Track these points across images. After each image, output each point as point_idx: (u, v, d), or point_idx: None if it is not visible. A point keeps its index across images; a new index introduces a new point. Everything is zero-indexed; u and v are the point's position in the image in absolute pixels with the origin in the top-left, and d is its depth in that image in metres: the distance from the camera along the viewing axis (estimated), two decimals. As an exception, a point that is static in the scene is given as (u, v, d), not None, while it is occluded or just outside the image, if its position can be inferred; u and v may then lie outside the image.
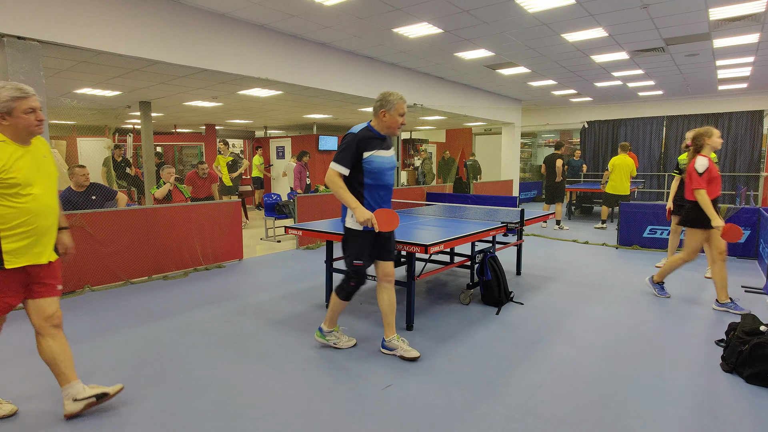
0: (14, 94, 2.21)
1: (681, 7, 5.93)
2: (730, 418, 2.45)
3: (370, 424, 2.39)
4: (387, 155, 3.08)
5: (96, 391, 2.47)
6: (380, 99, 3.07)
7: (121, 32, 5.13)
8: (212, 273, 5.73)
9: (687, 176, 4.24)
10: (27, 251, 2.26)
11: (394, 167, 3.15)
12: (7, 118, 2.20)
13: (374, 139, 3.02)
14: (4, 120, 2.20)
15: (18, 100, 2.21)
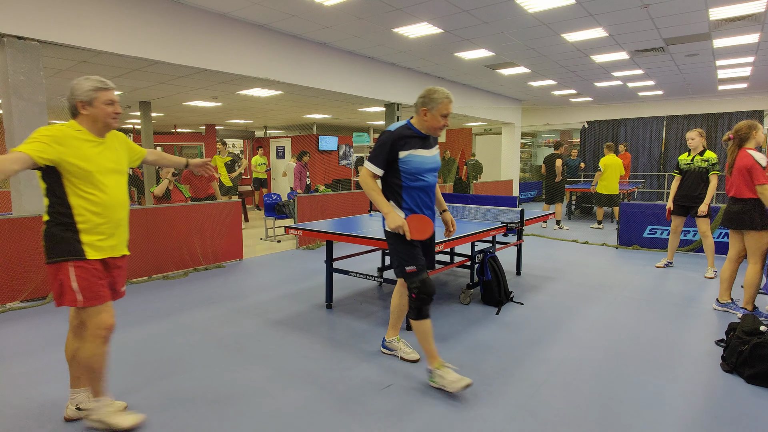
0: (97, 85, 2.24)
1: (681, 7, 5.93)
2: (730, 418, 2.45)
3: (370, 424, 2.39)
4: (428, 155, 2.80)
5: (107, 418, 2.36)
6: (423, 95, 2.78)
7: (121, 32, 5.13)
8: (212, 273, 5.73)
9: (738, 172, 3.78)
10: (104, 243, 2.28)
11: (436, 168, 2.86)
12: (87, 108, 2.22)
13: (413, 138, 2.76)
14: (84, 109, 2.23)
15: (99, 91, 2.24)
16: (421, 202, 2.82)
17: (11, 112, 4.43)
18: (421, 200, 2.82)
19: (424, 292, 2.69)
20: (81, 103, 2.22)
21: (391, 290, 4.88)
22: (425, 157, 2.79)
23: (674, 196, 5.49)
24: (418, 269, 2.71)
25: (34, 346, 3.42)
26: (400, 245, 2.76)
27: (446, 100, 2.73)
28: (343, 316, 4.08)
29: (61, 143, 2.13)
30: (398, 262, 2.77)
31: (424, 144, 2.81)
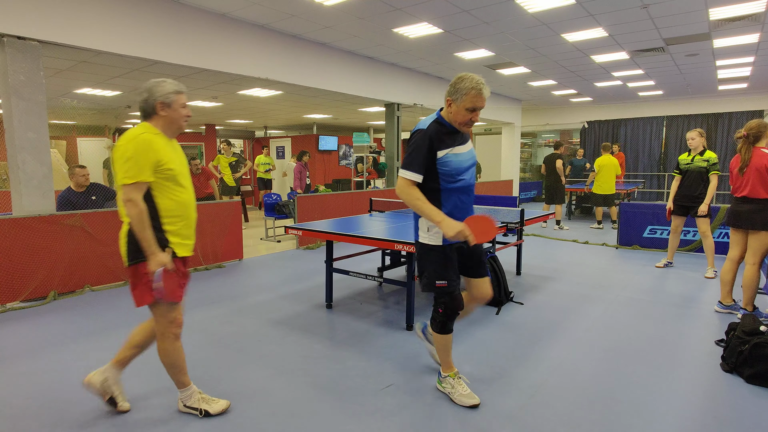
0: (176, 88, 2.31)
1: (681, 7, 5.93)
2: (730, 418, 2.45)
3: (370, 424, 2.39)
4: (464, 151, 2.50)
5: (200, 405, 2.50)
6: (451, 83, 2.41)
7: (121, 32, 5.13)
8: (212, 273, 5.73)
9: (755, 172, 3.71)
10: (186, 242, 2.36)
11: (473, 164, 2.57)
12: (165, 110, 2.27)
13: (447, 134, 2.44)
14: (162, 111, 2.27)
15: (178, 94, 2.31)
16: (460, 204, 2.53)
17: (11, 112, 4.43)
18: (461, 202, 2.53)
19: (451, 307, 2.53)
20: (161, 104, 2.26)
21: (391, 290, 4.88)
22: (462, 155, 2.49)
23: (674, 196, 5.50)
24: (449, 284, 2.49)
25: (34, 346, 3.42)
26: (434, 256, 2.50)
27: (473, 90, 2.32)
28: (343, 316, 4.08)
29: (153, 149, 2.18)
30: (428, 275, 2.51)
31: (459, 139, 2.49)
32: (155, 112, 2.27)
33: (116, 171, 2.16)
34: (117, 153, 2.17)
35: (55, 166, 10.60)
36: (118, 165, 2.15)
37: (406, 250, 3.51)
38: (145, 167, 2.14)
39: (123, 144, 2.17)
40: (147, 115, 2.29)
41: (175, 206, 2.28)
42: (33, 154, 4.56)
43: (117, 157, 2.16)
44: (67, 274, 4.72)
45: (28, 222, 4.43)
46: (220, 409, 2.48)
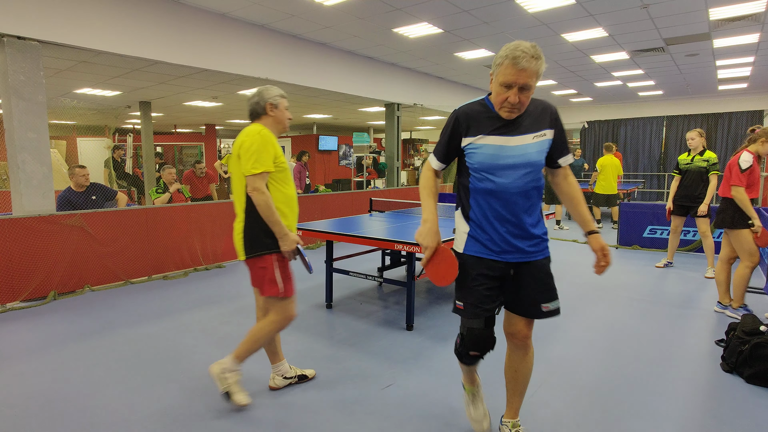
0: (282, 92, 2.56)
1: (681, 7, 5.93)
2: (730, 418, 2.45)
3: (370, 424, 2.39)
4: (508, 143, 1.88)
5: (298, 373, 2.81)
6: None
7: (121, 32, 5.13)
8: (212, 273, 5.73)
9: (727, 170, 3.84)
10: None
11: (522, 164, 1.89)
12: (274, 111, 2.51)
13: (485, 119, 1.91)
14: (271, 111, 2.50)
15: (283, 98, 2.56)
16: (493, 214, 1.94)
17: (11, 112, 4.43)
18: (494, 212, 1.94)
19: (470, 344, 2.00)
20: (270, 105, 2.49)
21: (391, 290, 4.88)
22: (502, 147, 1.89)
23: (674, 196, 5.50)
24: (466, 309, 1.97)
25: (34, 346, 3.42)
26: (460, 267, 1.99)
27: (506, 60, 1.75)
28: (343, 316, 4.08)
29: (272, 143, 2.39)
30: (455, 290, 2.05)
31: (506, 127, 1.89)
32: (265, 113, 2.50)
33: (243, 163, 2.33)
34: (243, 147, 2.35)
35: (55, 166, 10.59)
36: (245, 157, 2.32)
37: (406, 250, 3.51)
38: (268, 159, 2.35)
39: (248, 138, 2.36)
40: (257, 115, 2.52)
41: (285, 199, 2.46)
42: (33, 154, 4.56)
43: (244, 150, 2.34)
44: (67, 274, 4.72)
45: (28, 222, 4.43)
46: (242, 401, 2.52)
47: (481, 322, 1.97)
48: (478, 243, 1.98)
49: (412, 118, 13.55)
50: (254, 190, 2.31)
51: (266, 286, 2.42)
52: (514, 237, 1.94)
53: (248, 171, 2.31)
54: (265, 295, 2.44)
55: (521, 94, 1.79)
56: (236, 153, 2.41)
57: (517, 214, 1.93)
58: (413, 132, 19.34)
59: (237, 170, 2.42)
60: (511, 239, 1.94)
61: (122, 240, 5.15)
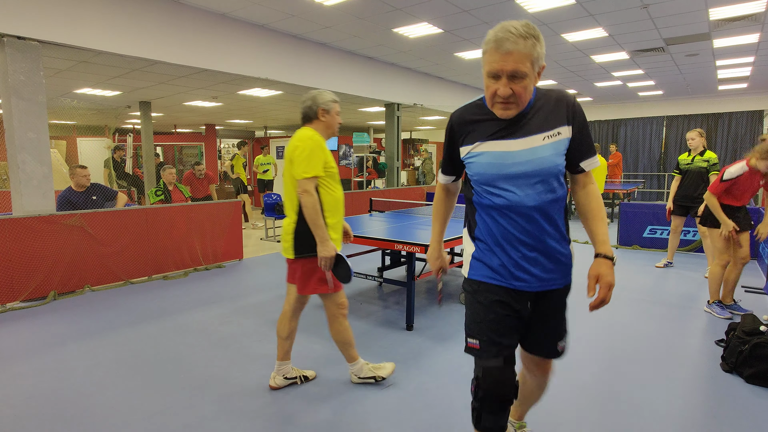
0: (335, 98, 2.65)
1: (681, 7, 5.93)
2: (730, 418, 2.45)
3: (369, 424, 2.39)
4: (513, 148, 1.54)
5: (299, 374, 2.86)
6: None
7: (121, 32, 5.13)
8: (212, 273, 5.73)
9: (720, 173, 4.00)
10: (338, 236, 2.61)
11: (534, 173, 1.54)
12: (325, 116, 2.59)
13: (484, 121, 1.58)
14: (323, 116, 2.59)
15: (335, 103, 2.65)
16: (501, 235, 1.61)
17: (11, 112, 4.43)
18: (503, 232, 1.60)
19: (486, 389, 1.60)
20: (323, 110, 2.57)
21: (391, 290, 4.88)
22: (504, 154, 1.55)
23: (674, 196, 5.50)
24: (482, 347, 1.61)
25: (34, 346, 3.42)
26: (467, 297, 1.71)
27: (490, 45, 1.45)
28: (343, 316, 4.08)
29: (323, 149, 2.49)
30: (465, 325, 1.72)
31: (508, 129, 1.55)
32: (317, 117, 2.58)
33: (296, 166, 2.44)
34: (296, 151, 2.44)
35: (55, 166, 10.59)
36: (298, 161, 2.43)
37: (406, 250, 3.51)
38: (318, 164, 2.45)
39: (301, 142, 2.45)
40: (308, 119, 2.60)
41: (333, 201, 2.55)
42: (33, 154, 4.56)
43: (296, 154, 2.43)
44: (67, 274, 4.72)
45: (28, 222, 4.43)
46: (388, 372, 2.80)
47: (500, 361, 1.59)
48: (486, 267, 1.65)
49: (412, 118, 13.55)
50: (303, 192, 2.42)
51: (313, 285, 2.54)
52: (529, 262, 1.60)
53: (299, 175, 2.42)
54: (312, 293, 2.56)
55: (513, 84, 1.44)
56: (289, 157, 2.49)
57: (533, 234, 1.58)
58: (413, 132, 19.34)
59: (289, 173, 2.51)
60: (527, 265, 1.60)
61: (122, 240, 5.15)
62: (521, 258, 1.61)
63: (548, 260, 1.62)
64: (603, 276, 1.55)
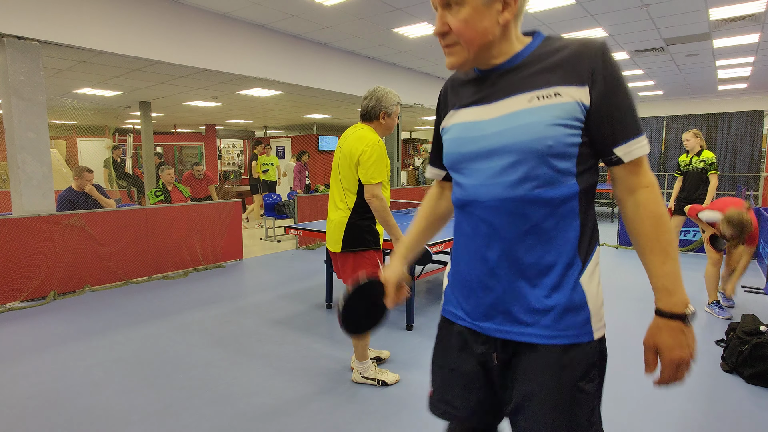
0: (398, 101, 2.68)
1: (681, 7, 5.93)
2: (730, 418, 2.45)
3: (370, 424, 2.39)
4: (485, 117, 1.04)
5: (377, 375, 2.89)
6: None
7: (121, 32, 5.13)
8: (212, 273, 5.73)
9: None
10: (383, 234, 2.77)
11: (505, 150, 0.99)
12: (386, 119, 2.64)
13: (468, 83, 1.11)
14: (383, 119, 2.63)
15: (398, 106, 2.68)
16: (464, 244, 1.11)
17: (11, 112, 4.43)
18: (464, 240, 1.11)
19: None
20: (385, 113, 2.62)
21: (391, 290, 4.87)
22: (471, 125, 1.07)
23: (676, 196, 5.51)
24: (430, 399, 1.22)
25: (34, 346, 3.42)
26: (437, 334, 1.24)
27: None
28: (343, 316, 4.07)
29: (385, 154, 2.58)
30: None
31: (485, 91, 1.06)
32: (377, 118, 2.63)
33: (363, 171, 2.53)
34: (363, 156, 2.52)
35: (55, 166, 10.59)
36: (366, 166, 2.51)
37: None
38: (384, 170, 2.56)
39: (369, 148, 2.52)
40: (368, 118, 2.64)
41: (386, 201, 2.65)
42: (33, 154, 4.56)
43: (364, 159, 2.51)
44: (67, 274, 4.72)
45: (28, 222, 4.43)
46: (393, 380, 2.81)
47: (450, 412, 1.16)
48: (452, 296, 1.17)
49: (412, 118, 13.54)
50: (373, 197, 2.51)
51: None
52: (490, 294, 1.06)
53: (368, 180, 2.52)
54: None
55: (448, 14, 0.99)
56: (351, 156, 2.56)
57: (505, 249, 1.03)
58: (413, 132, 19.34)
59: (347, 168, 2.59)
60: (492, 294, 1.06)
61: (122, 240, 5.15)
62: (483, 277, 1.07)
63: (529, 297, 1.03)
64: (664, 348, 0.98)
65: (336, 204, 2.69)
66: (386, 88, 2.64)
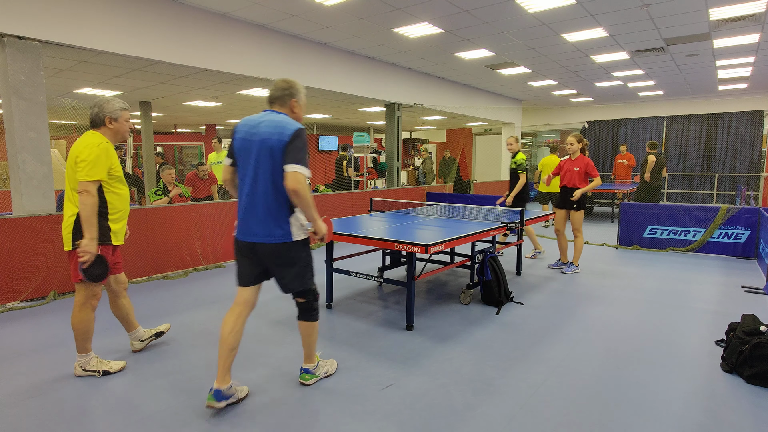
0: (123, 106, 2.83)
1: (681, 7, 5.93)
2: (730, 418, 2.45)
3: (370, 424, 2.39)
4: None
5: (153, 332, 3.35)
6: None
7: (121, 32, 5.13)
8: (212, 273, 5.73)
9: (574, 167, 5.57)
10: (120, 232, 2.90)
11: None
12: (113, 123, 2.79)
13: None
14: (110, 124, 2.78)
15: (124, 111, 2.83)
16: None
17: (11, 112, 4.43)
18: None
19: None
20: (110, 118, 2.85)
21: (391, 290, 4.88)
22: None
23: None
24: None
25: (34, 346, 3.42)
26: (310, 252, 2.87)
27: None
28: (343, 316, 4.08)
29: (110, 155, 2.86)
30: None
31: None
32: (104, 124, 2.84)
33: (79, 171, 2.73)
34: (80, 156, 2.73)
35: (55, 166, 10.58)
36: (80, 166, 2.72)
37: (406, 250, 3.51)
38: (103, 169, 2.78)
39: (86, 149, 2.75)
40: (95, 125, 2.85)
41: (118, 200, 2.95)
42: (33, 154, 4.56)
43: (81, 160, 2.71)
44: (67, 274, 4.72)
45: (28, 222, 4.43)
46: (118, 367, 2.96)
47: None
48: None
49: (412, 118, 13.54)
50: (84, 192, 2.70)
51: (74, 272, 2.82)
52: None
53: (82, 177, 2.71)
54: (75, 280, 2.83)
55: None
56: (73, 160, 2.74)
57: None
58: (413, 132, 19.33)
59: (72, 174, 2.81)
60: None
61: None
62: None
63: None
64: None
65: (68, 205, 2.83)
66: (119, 99, 2.90)
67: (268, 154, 2.40)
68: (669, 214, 6.88)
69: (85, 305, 2.82)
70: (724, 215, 6.47)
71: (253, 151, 2.44)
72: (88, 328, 2.84)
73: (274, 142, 2.39)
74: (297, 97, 2.61)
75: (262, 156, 2.42)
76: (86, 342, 2.87)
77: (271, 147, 2.39)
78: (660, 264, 6.07)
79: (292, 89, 2.60)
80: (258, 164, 2.43)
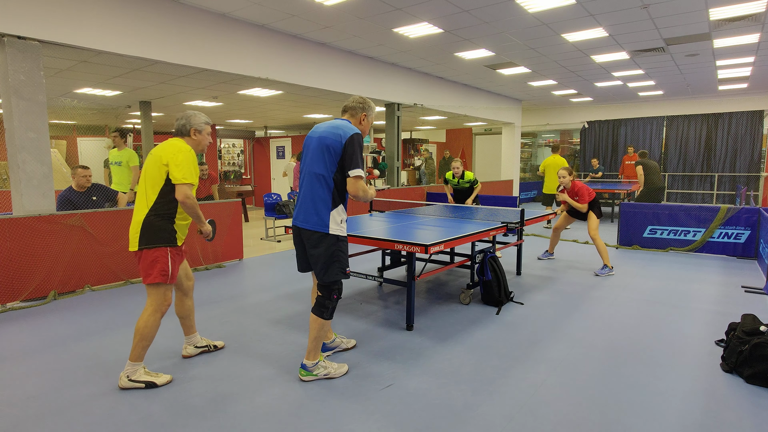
0: (207, 120, 2.97)
1: (681, 7, 5.93)
2: (730, 418, 2.45)
3: (370, 424, 2.39)
4: None
5: (211, 343, 3.33)
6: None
7: (121, 32, 5.13)
8: (212, 273, 5.73)
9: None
10: (183, 233, 2.93)
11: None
12: (197, 135, 2.92)
13: None
14: (195, 135, 2.91)
15: (208, 125, 2.97)
16: None
17: (11, 112, 4.43)
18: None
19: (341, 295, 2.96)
20: (195, 130, 2.94)
21: (391, 290, 4.88)
22: None
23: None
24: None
25: (34, 346, 3.43)
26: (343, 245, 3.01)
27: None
28: (343, 316, 4.08)
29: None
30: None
31: None
32: (188, 135, 2.94)
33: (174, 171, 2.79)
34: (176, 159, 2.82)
35: (55, 166, 10.59)
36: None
37: (406, 250, 3.51)
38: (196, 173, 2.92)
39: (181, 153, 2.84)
40: (181, 134, 2.95)
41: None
42: (33, 153, 4.56)
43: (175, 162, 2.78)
44: (67, 274, 4.72)
45: (28, 222, 4.43)
46: (165, 381, 2.83)
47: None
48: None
49: (412, 118, 13.54)
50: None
51: (155, 274, 2.84)
52: None
53: (179, 180, 2.78)
54: (154, 281, 2.83)
55: None
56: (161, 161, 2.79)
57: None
58: (413, 132, 19.33)
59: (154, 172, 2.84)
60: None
61: (122, 240, 5.15)
62: None
63: None
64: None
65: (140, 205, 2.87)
66: (203, 114, 2.97)
67: (322, 149, 2.72)
68: (669, 214, 6.88)
69: (157, 311, 2.79)
70: (724, 215, 6.47)
71: (311, 146, 2.81)
72: (153, 335, 2.80)
73: (330, 141, 2.70)
74: (367, 113, 2.91)
75: (317, 151, 2.75)
76: (145, 350, 2.80)
77: (327, 145, 2.70)
78: (660, 264, 6.08)
79: (365, 105, 2.91)
80: (313, 159, 2.77)
